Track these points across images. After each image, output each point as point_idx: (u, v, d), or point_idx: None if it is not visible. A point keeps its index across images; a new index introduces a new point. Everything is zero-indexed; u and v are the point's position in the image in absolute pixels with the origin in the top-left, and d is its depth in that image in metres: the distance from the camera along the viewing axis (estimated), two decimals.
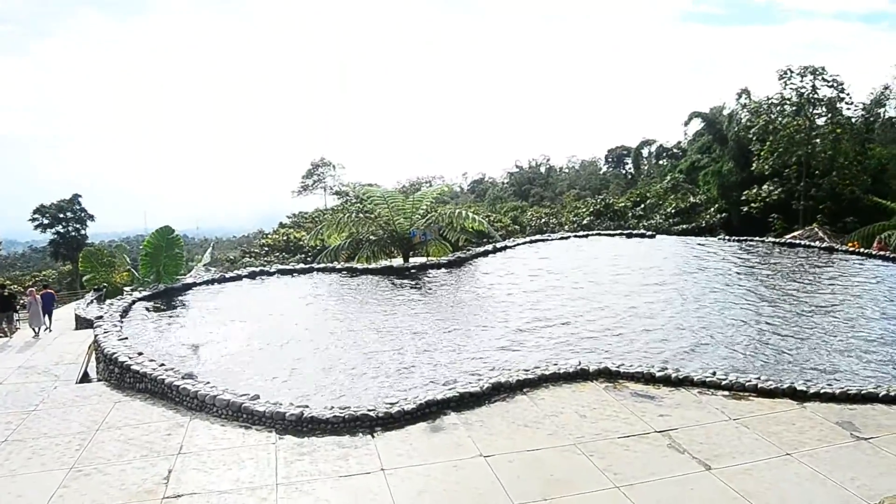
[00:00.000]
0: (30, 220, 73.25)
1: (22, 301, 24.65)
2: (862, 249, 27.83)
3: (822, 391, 11.62)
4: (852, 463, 9.28)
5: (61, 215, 73.27)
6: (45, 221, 72.95)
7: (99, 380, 14.48)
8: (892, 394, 11.46)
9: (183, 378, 12.54)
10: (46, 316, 23.61)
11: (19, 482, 9.51)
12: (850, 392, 11.56)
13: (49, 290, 29.41)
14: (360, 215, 29.64)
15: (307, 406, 11.20)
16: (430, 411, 11.18)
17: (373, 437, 10.47)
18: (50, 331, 23.01)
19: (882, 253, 26.10)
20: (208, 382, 12.51)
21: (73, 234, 73.44)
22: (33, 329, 22.43)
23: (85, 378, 14.89)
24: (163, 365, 13.37)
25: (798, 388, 11.74)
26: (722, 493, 8.55)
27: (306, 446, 10.22)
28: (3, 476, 9.70)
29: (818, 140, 47.27)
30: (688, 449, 9.78)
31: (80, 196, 75.14)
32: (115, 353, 13.83)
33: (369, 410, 10.97)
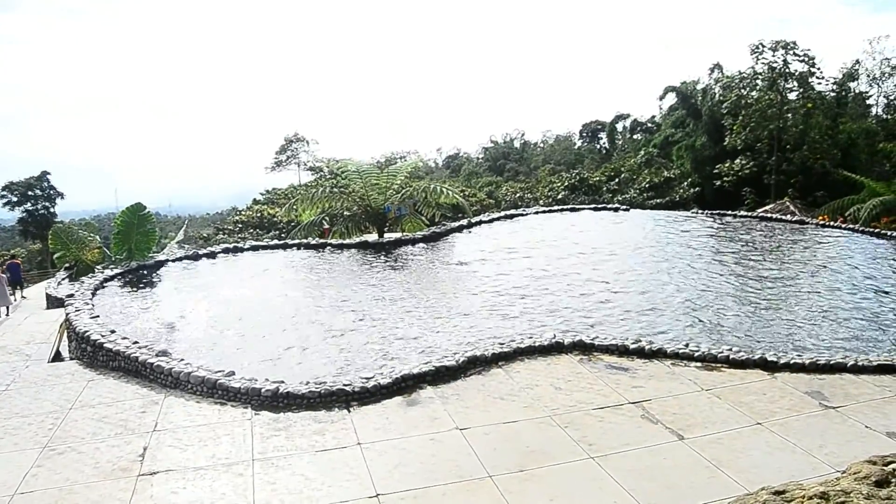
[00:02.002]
0: None
1: None
2: (831, 223, 28.31)
3: (792, 362, 11.81)
4: (821, 431, 9.47)
5: (30, 193, 71.97)
6: (14, 199, 71.65)
7: (71, 358, 14.31)
8: (861, 364, 11.69)
9: (157, 355, 12.43)
10: (17, 288, 23.34)
11: None
12: (819, 362, 11.77)
13: (15, 261, 28.93)
14: (335, 190, 29.44)
15: (283, 382, 11.17)
16: (405, 385, 11.21)
17: (349, 411, 10.48)
18: (25, 297, 22.73)
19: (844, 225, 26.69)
20: (182, 359, 12.42)
21: (42, 212, 72.23)
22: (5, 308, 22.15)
23: (57, 357, 14.72)
24: (136, 343, 13.25)
25: (769, 358, 11.93)
26: (694, 461, 8.70)
27: (282, 422, 10.22)
28: None
29: (790, 115, 47.74)
30: (661, 419, 9.92)
31: (48, 173, 73.85)
32: (87, 332, 13.68)
33: (345, 385, 10.97)
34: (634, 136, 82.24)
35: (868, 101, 57.85)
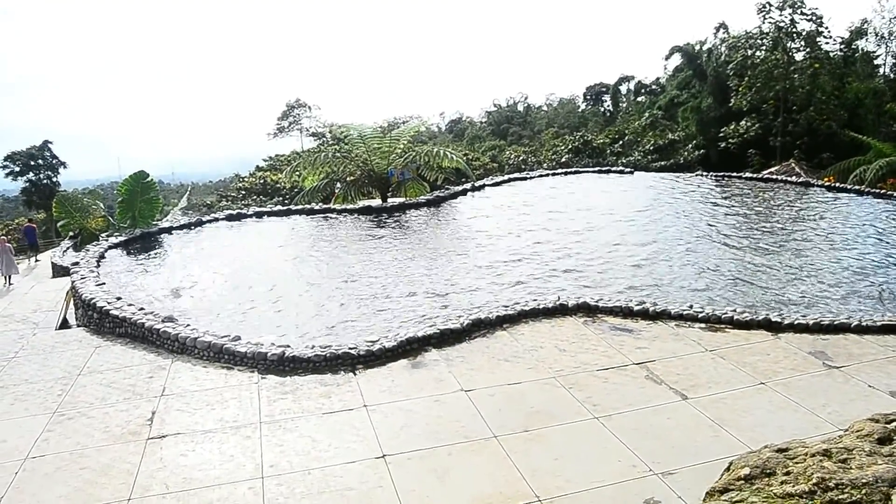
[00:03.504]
0: (0, 167, 71.64)
1: None
2: (837, 184, 28.12)
3: (796, 322, 11.83)
4: (824, 390, 9.52)
5: (32, 163, 71.68)
6: (17, 169, 71.41)
7: (78, 326, 14.41)
8: (864, 324, 11.72)
9: (163, 321, 12.52)
10: (33, 251, 23.48)
11: (3, 427, 9.51)
12: (822, 323, 11.79)
13: (31, 224, 29.34)
14: (337, 155, 29.30)
15: (288, 346, 11.25)
16: (411, 348, 11.28)
17: (354, 374, 10.56)
18: (38, 261, 22.88)
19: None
20: (189, 325, 12.51)
21: (46, 181, 71.98)
22: (6, 277, 22.27)
23: (64, 324, 14.82)
24: (142, 309, 13.32)
25: (773, 319, 11.95)
26: (697, 420, 8.76)
27: (289, 385, 10.30)
28: None
29: (796, 75, 47.10)
30: (665, 380, 9.97)
31: (50, 143, 73.48)
32: (93, 299, 13.74)
33: (350, 349, 11.04)
34: (639, 99, 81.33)
35: (876, 61, 57.03)
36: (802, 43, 47.99)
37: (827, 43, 48.53)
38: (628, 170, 30.87)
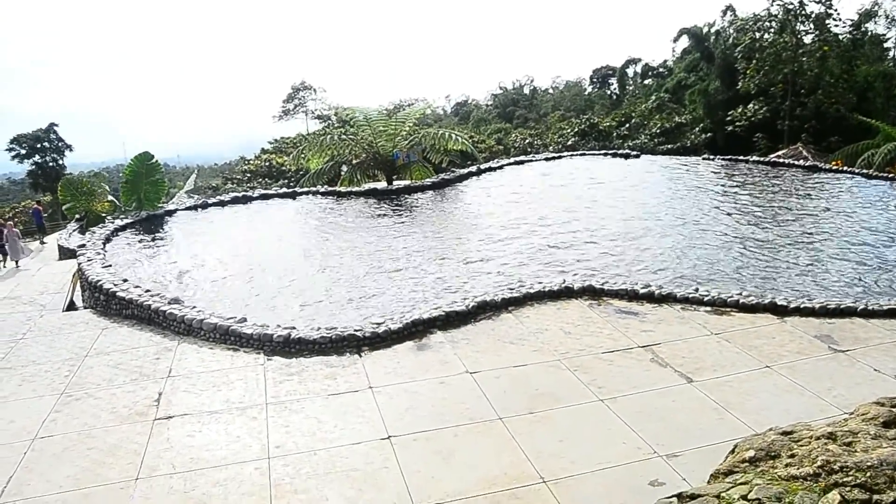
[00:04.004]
0: (6, 149, 71.72)
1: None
2: (845, 168, 27.94)
3: (802, 306, 11.80)
4: (829, 374, 9.50)
5: (38, 145, 71.72)
6: (23, 152, 71.46)
7: (85, 308, 14.47)
8: (871, 308, 11.67)
9: (169, 303, 12.56)
10: (41, 233, 23.63)
11: (11, 408, 9.59)
12: (829, 307, 11.75)
13: (37, 206, 29.56)
14: (343, 138, 29.25)
15: (294, 328, 11.28)
16: (416, 330, 11.31)
17: (360, 356, 10.59)
18: (45, 243, 23.00)
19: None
20: (195, 307, 12.55)
21: (52, 164, 72.03)
22: (14, 261, 22.36)
23: (71, 306, 14.89)
24: (148, 291, 13.37)
25: (779, 303, 11.92)
26: (702, 403, 8.77)
27: (294, 367, 10.34)
28: None
29: (805, 58, 46.68)
30: (670, 363, 9.97)
31: (56, 125, 73.50)
32: (99, 281, 13.80)
33: (356, 330, 11.07)
34: (645, 82, 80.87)
35: (885, 44, 56.48)
36: (811, 25, 47.53)
37: (836, 25, 48.07)
38: (634, 153, 30.73)
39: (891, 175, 25.17)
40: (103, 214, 25.41)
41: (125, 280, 13.98)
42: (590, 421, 8.44)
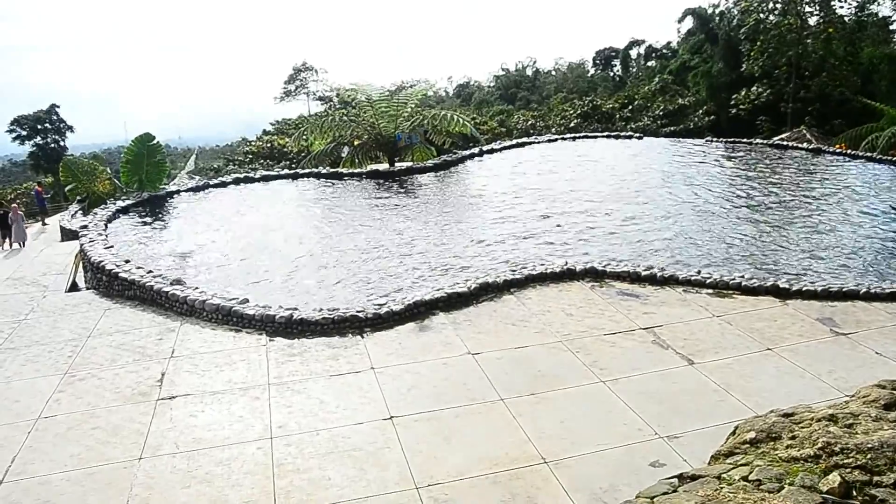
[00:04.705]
0: (7, 131, 71.56)
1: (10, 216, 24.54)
2: (849, 151, 27.80)
3: (804, 289, 11.78)
4: (831, 357, 9.51)
5: (39, 127, 71.55)
6: (24, 133, 71.29)
7: (87, 289, 14.49)
8: (873, 291, 11.65)
9: (171, 284, 12.57)
10: (42, 214, 23.80)
11: (15, 388, 9.63)
12: (831, 290, 11.73)
13: (38, 188, 29.84)
14: (345, 119, 29.14)
15: (296, 309, 11.29)
16: (418, 312, 11.32)
17: (362, 337, 10.62)
18: (47, 224, 23.07)
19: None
20: (197, 288, 12.56)
21: (53, 145, 71.90)
22: (18, 243, 22.44)
23: (74, 287, 14.91)
24: (150, 272, 13.38)
25: (781, 286, 11.90)
26: (703, 385, 8.79)
27: (297, 347, 10.37)
28: None
29: (809, 40, 46.38)
30: (672, 345, 9.99)
31: (57, 106, 73.29)
32: (102, 262, 13.81)
33: (358, 312, 11.09)
34: (649, 64, 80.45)
35: (891, 27, 56.06)
36: (816, 6, 47.20)
37: (841, 7, 47.74)
38: (637, 135, 30.60)
39: (895, 158, 25.06)
40: (105, 196, 25.36)
41: (127, 261, 13.99)
42: (591, 402, 8.46)
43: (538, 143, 28.33)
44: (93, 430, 8.31)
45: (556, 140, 29.20)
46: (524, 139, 30.30)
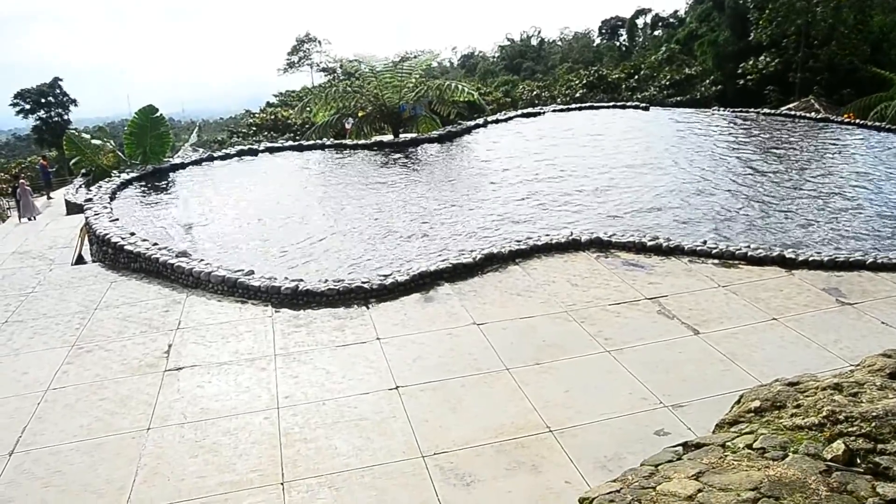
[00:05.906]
0: (11, 104, 71.27)
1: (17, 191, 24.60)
2: (858, 121, 27.55)
3: (810, 259, 11.74)
4: (836, 326, 9.50)
5: (42, 100, 71.26)
6: (27, 107, 71.03)
7: (93, 261, 14.53)
8: (879, 261, 11.62)
9: (177, 256, 12.59)
10: (47, 188, 23.92)
11: (23, 359, 9.71)
12: (837, 259, 11.69)
13: (43, 162, 29.92)
14: (348, 90, 28.94)
15: (302, 280, 11.31)
16: (423, 282, 11.33)
17: (367, 308, 10.64)
18: (52, 198, 23.13)
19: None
20: (202, 260, 12.58)
21: (56, 119, 71.65)
22: (27, 217, 22.47)
23: (80, 260, 14.94)
24: (156, 244, 13.40)
25: (787, 256, 11.86)
26: (709, 354, 8.80)
27: (302, 318, 10.41)
28: (7, 355, 9.89)
29: (818, 8, 45.69)
30: (677, 315, 9.99)
31: (60, 80, 72.91)
32: (107, 234, 13.83)
33: (363, 283, 11.10)
34: (655, 33, 79.63)
35: None
36: None
37: None
38: (643, 105, 30.34)
39: None
40: (110, 169, 25.34)
41: (132, 234, 14.00)
42: (596, 372, 8.49)
43: (544, 112, 28.15)
44: (101, 401, 8.38)
45: (561, 110, 29.00)
46: (530, 109, 30.07)
